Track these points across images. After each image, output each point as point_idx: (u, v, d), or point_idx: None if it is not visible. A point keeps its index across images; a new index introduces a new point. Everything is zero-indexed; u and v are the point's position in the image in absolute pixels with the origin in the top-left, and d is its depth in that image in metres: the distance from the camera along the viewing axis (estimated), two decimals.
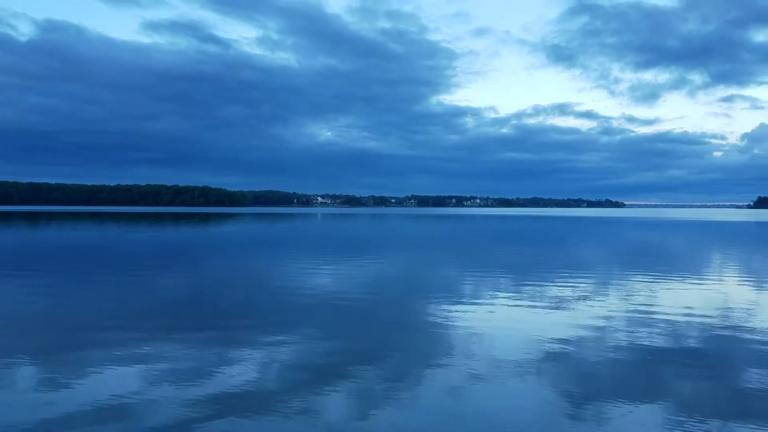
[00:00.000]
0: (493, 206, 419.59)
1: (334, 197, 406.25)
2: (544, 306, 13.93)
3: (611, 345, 10.10)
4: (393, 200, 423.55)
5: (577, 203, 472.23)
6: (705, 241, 43.59)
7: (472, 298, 15.19)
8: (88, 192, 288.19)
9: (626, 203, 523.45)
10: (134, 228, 57.60)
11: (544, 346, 10.00)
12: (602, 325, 11.78)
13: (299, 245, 36.22)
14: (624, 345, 10.09)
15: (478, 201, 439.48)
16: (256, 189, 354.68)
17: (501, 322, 12.01)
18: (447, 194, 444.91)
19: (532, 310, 13.47)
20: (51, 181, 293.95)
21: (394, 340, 10.49)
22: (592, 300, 14.88)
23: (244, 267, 22.94)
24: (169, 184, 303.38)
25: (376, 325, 12.00)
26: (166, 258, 26.58)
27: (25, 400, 7.27)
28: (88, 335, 10.72)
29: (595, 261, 26.20)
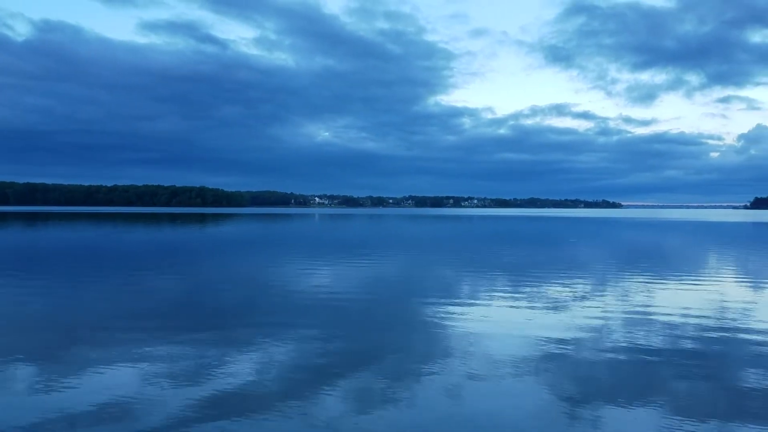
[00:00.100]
0: (491, 207, 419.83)
1: (331, 198, 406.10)
2: (542, 307, 13.97)
3: (608, 345, 10.14)
4: (390, 201, 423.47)
5: (575, 204, 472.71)
6: (702, 241, 43.71)
7: (469, 298, 15.22)
8: (85, 192, 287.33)
9: (623, 204, 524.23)
10: (131, 228, 57.52)
11: (542, 346, 10.04)
12: (599, 325, 11.82)
13: (297, 246, 36.22)
14: (621, 345, 10.13)
15: (475, 201, 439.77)
16: (254, 189, 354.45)
17: (498, 323, 12.05)
18: (444, 195, 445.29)
19: (529, 310, 13.50)
20: (48, 181, 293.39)
21: (392, 341, 10.52)
22: (589, 300, 14.93)
23: (242, 268, 22.93)
24: (166, 184, 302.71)
25: (374, 325, 12.03)
26: (163, 259, 26.56)
27: (24, 401, 7.28)
28: (86, 336, 10.72)
29: (592, 262, 26.26)
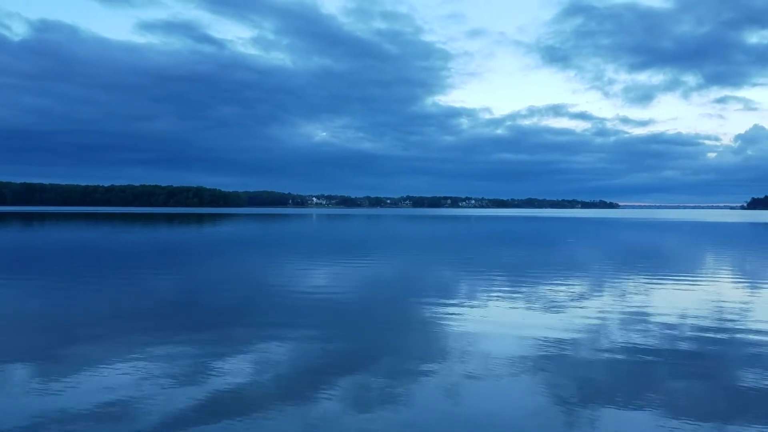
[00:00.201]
0: (488, 207, 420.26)
1: (329, 198, 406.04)
2: (540, 307, 13.99)
3: (606, 346, 10.15)
4: (388, 201, 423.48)
5: (572, 204, 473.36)
6: (698, 242, 43.83)
7: (467, 299, 15.22)
8: (82, 192, 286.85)
9: (620, 204, 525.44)
10: (128, 229, 57.42)
11: (540, 346, 10.05)
12: (597, 325, 11.84)
13: (295, 246, 36.20)
14: (619, 346, 10.14)
15: (473, 202, 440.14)
16: (251, 189, 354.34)
17: (496, 323, 12.05)
18: (442, 195, 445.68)
19: (527, 310, 13.52)
20: (45, 181, 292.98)
21: (390, 341, 10.53)
22: (586, 301, 14.95)
23: (240, 268, 22.91)
24: (163, 184, 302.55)
25: (373, 325, 12.03)
26: (161, 259, 26.52)
27: (23, 401, 7.25)
28: (84, 336, 10.69)
29: (590, 262, 26.29)
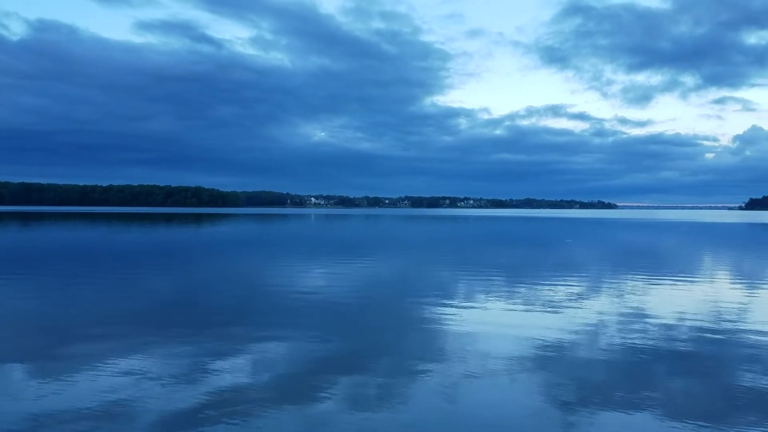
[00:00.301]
0: (487, 207, 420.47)
1: (327, 198, 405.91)
2: (538, 308, 14.00)
3: (605, 346, 10.16)
4: (387, 201, 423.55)
5: (570, 204, 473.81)
6: (697, 242, 43.90)
7: (466, 299, 15.23)
8: (80, 192, 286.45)
9: (618, 204, 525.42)
10: (127, 229, 57.36)
11: (538, 346, 10.05)
12: (595, 325, 11.85)
13: (293, 246, 36.20)
14: (617, 346, 10.15)
15: (471, 202, 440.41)
16: (250, 189, 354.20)
17: (495, 323, 12.05)
18: (440, 195, 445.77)
19: (525, 311, 13.53)
20: (43, 181, 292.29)
21: (389, 341, 10.53)
22: (585, 301, 14.96)
23: (239, 268, 22.91)
24: (161, 184, 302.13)
25: (372, 325, 12.03)
26: (159, 259, 26.50)
27: (23, 401, 7.24)
28: (83, 336, 10.67)
29: (588, 262, 26.33)
